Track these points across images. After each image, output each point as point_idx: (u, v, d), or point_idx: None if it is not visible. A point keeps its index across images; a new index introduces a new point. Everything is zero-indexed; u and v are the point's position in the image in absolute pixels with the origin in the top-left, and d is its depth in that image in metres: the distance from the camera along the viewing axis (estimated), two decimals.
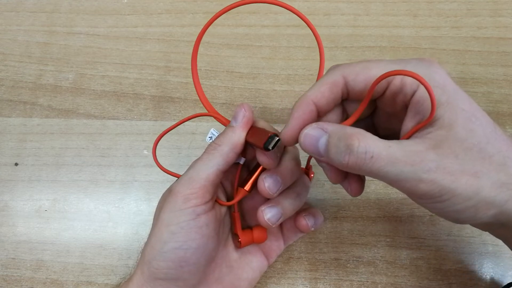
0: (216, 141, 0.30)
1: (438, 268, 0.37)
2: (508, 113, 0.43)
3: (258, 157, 0.29)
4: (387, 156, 0.23)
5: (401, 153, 0.23)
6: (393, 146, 0.24)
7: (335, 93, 0.27)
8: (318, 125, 0.26)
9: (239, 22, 0.48)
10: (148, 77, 0.45)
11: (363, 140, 0.24)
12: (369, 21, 0.47)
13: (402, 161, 0.23)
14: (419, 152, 0.24)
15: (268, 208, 0.31)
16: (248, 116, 0.30)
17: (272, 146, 0.27)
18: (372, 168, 0.24)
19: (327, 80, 0.27)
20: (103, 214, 0.40)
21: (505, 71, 0.45)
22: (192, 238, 0.29)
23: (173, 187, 0.30)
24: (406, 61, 0.25)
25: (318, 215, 0.35)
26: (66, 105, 0.44)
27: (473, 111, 0.24)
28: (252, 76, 0.45)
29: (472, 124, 0.24)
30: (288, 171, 0.30)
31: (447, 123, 0.24)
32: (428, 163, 0.23)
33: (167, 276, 0.29)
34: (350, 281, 0.37)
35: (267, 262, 0.35)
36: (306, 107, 0.27)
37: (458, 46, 0.46)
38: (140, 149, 0.42)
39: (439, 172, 0.23)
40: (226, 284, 0.33)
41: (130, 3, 0.49)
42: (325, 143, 0.25)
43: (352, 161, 0.24)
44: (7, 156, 0.42)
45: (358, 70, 0.26)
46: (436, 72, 0.25)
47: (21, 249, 0.39)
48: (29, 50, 0.47)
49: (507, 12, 0.47)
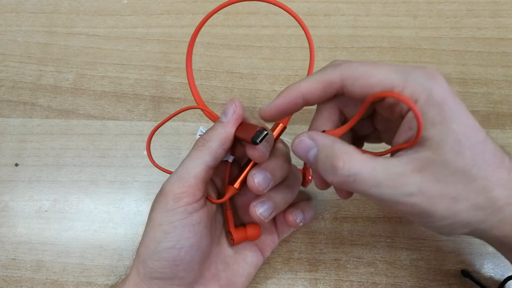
0: (205, 137, 0.30)
1: (438, 269, 0.37)
2: (508, 114, 0.43)
3: (248, 152, 0.29)
4: (370, 179, 0.24)
5: (384, 175, 0.24)
6: (378, 167, 0.24)
7: (328, 92, 0.27)
8: (311, 136, 0.27)
9: (239, 22, 0.48)
10: (148, 78, 0.45)
11: (347, 162, 0.24)
12: (369, 22, 0.48)
13: (384, 184, 0.24)
14: (403, 174, 0.24)
15: (260, 203, 0.31)
16: (238, 112, 0.30)
17: (260, 139, 0.27)
18: (356, 189, 0.25)
19: (324, 78, 0.27)
20: (103, 214, 0.40)
21: (505, 71, 0.45)
22: (185, 237, 0.29)
23: (163, 186, 0.30)
24: (409, 71, 0.25)
25: (307, 209, 0.34)
26: (66, 106, 0.44)
27: (465, 131, 0.24)
28: (252, 76, 0.45)
29: (462, 146, 0.24)
30: (277, 167, 0.30)
31: (436, 144, 0.24)
32: (410, 187, 0.24)
33: (162, 276, 0.29)
34: (350, 282, 0.37)
35: (262, 256, 0.35)
36: (293, 97, 0.27)
37: (458, 47, 0.46)
38: (140, 149, 0.42)
39: (420, 196, 0.24)
40: (222, 281, 0.33)
41: (130, 4, 0.49)
42: (314, 156, 0.26)
43: (337, 181, 0.25)
44: (7, 157, 0.42)
45: (358, 75, 0.26)
46: (437, 88, 0.24)
47: (21, 249, 0.39)
48: (29, 51, 0.47)
49: (507, 12, 0.47)
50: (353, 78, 0.26)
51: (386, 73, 0.25)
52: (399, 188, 0.24)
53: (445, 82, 0.25)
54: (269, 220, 0.31)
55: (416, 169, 0.24)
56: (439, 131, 0.24)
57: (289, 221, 0.33)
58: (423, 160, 0.24)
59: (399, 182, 0.24)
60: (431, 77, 0.25)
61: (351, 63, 0.27)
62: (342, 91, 0.27)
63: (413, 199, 0.24)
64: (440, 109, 0.24)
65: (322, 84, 0.27)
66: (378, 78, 0.25)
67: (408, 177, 0.24)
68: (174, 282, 0.30)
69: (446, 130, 0.24)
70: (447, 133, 0.24)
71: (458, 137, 0.24)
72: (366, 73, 0.26)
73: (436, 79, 0.25)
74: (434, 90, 0.24)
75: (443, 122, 0.24)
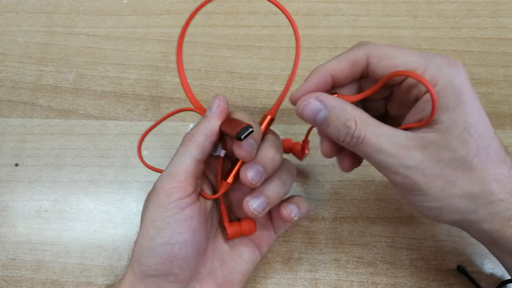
0: (191, 132, 0.31)
1: (438, 269, 0.37)
2: (508, 114, 0.43)
3: (234, 149, 0.29)
4: (374, 144, 0.26)
5: (388, 144, 0.25)
6: (384, 135, 0.26)
7: (355, 71, 0.28)
8: (318, 98, 0.27)
9: (239, 22, 0.48)
10: (148, 78, 0.45)
11: (359, 123, 0.26)
12: (369, 22, 0.48)
13: (386, 152, 0.25)
14: (406, 147, 0.25)
15: (253, 199, 0.31)
16: (222, 105, 0.31)
17: (245, 136, 0.27)
18: (361, 150, 0.26)
19: (350, 56, 0.28)
20: (103, 214, 0.40)
21: (505, 71, 0.45)
22: (178, 232, 0.29)
23: (155, 184, 0.30)
24: (432, 56, 0.26)
25: (302, 203, 0.34)
26: (66, 106, 0.44)
27: (476, 124, 0.25)
28: (252, 76, 0.45)
29: (469, 136, 0.25)
30: (268, 160, 0.30)
31: (445, 128, 0.25)
32: (410, 160, 0.25)
33: (157, 273, 0.29)
34: (350, 282, 0.37)
35: (259, 253, 0.35)
36: (322, 77, 0.28)
37: (458, 47, 0.46)
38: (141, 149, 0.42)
39: (417, 171, 0.25)
40: (219, 277, 0.33)
41: (130, 4, 0.49)
42: (323, 118, 0.27)
43: (347, 140, 0.26)
44: (7, 157, 0.42)
45: (382, 55, 0.27)
46: (457, 77, 0.25)
47: (21, 249, 0.39)
48: (29, 51, 0.47)
49: (507, 12, 0.47)
50: (378, 57, 0.27)
51: (409, 56, 0.26)
52: (399, 159, 0.25)
53: (465, 73, 0.26)
54: (264, 215, 0.31)
55: (419, 146, 0.25)
56: (450, 117, 0.25)
57: (283, 216, 0.33)
58: (428, 140, 0.25)
59: (400, 153, 0.25)
60: (453, 66, 0.26)
61: (377, 44, 0.28)
62: (366, 72, 0.28)
63: (408, 172, 0.25)
64: (456, 96, 0.25)
65: (349, 62, 0.28)
66: (401, 60, 0.26)
67: (410, 151, 0.25)
68: (169, 279, 0.30)
69: (458, 117, 0.25)
70: (458, 121, 0.25)
71: (467, 127, 0.25)
72: (391, 54, 0.27)
73: (458, 69, 0.26)
74: (454, 78, 0.25)
75: (456, 110, 0.25)
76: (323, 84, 0.28)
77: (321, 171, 0.41)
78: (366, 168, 0.41)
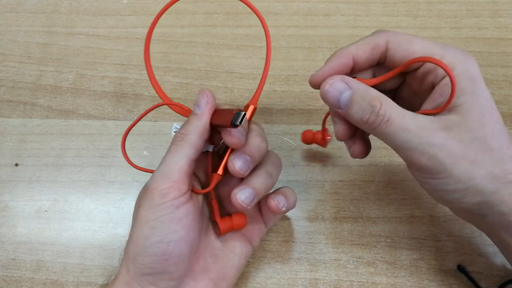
0: (182, 131, 0.30)
1: (438, 269, 0.37)
2: (508, 114, 0.43)
3: (225, 139, 0.30)
4: (400, 123, 0.26)
5: (413, 124, 0.26)
6: (408, 116, 0.26)
7: (375, 55, 0.29)
8: (344, 79, 0.28)
9: (239, 22, 0.48)
10: (148, 78, 0.45)
11: (384, 103, 0.26)
12: (369, 22, 0.48)
13: (412, 131, 0.26)
14: (430, 128, 0.26)
15: (241, 191, 0.31)
16: (211, 101, 0.31)
17: (240, 120, 0.27)
18: (386, 130, 0.26)
19: (371, 41, 0.29)
20: (103, 214, 0.40)
21: (505, 71, 0.45)
22: (173, 231, 0.29)
23: (147, 184, 0.30)
24: (448, 47, 0.27)
25: (289, 194, 0.34)
26: (66, 106, 0.44)
27: (490, 108, 0.26)
28: (252, 76, 0.45)
29: (485, 118, 0.26)
30: (255, 148, 0.30)
31: (464, 111, 0.26)
32: (436, 139, 0.26)
33: (153, 271, 0.29)
34: (350, 282, 0.37)
35: (251, 246, 0.35)
36: (344, 59, 0.29)
37: (458, 47, 0.46)
38: (140, 149, 0.42)
39: (443, 150, 0.26)
40: (212, 273, 0.33)
41: (130, 4, 0.49)
42: (348, 98, 0.28)
43: (371, 120, 0.27)
44: (7, 157, 0.42)
45: (401, 41, 0.28)
46: (472, 66, 0.27)
47: (21, 249, 0.39)
48: (29, 51, 0.47)
49: (507, 12, 0.48)
50: (397, 43, 0.28)
51: (426, 44, 0.28)
52: (425, 137, 0.26)
53: (477, 65, 0.27)
54: (252, 207, 0.32)
55: (442, 127, 0.26)
56: (468, 100, 0.26)
57: (271, 207, 0.33)
58: (450, 121, 0.26)
59: (426, 133, 0.26)
60: (467, 56, 0.27)
61: (395, 31, 0.29)
62: (384, 57, 0.29)
63: (435, 151, 0.26)
64: (473, 82, 0.26)
65: (370, 46, 0.29)
66: (419, 46, 0.27)
67: (435, 131, 0.26)
68: (164, 276, 0.30)
69: (475, 101, 0.26)
70: (475, 104, 0.26)
71: (483, 110, 0.26)
72: (409, 40, 0.28)
73: (471, 59, 0.27)
74: (469, 65, 0.27)
75: (473, 94, 0.26)
76: (344, 66, 0.29)
77: (321, 171, 0.41)
78: (366, 168, 0.41)
